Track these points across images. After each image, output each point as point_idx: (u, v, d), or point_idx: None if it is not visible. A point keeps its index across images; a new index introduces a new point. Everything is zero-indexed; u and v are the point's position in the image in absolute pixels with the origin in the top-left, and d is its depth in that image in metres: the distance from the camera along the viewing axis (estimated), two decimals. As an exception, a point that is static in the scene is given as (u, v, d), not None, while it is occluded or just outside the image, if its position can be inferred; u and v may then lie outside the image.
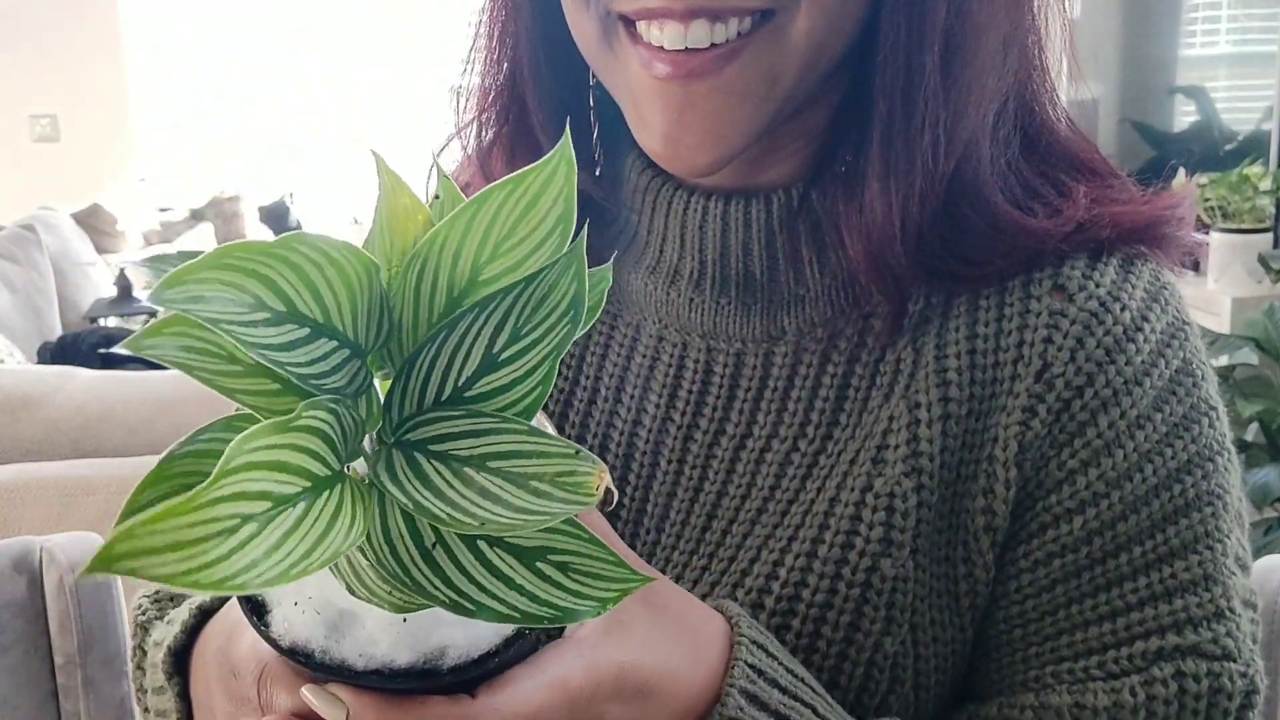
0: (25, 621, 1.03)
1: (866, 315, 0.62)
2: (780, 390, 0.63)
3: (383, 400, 0.37)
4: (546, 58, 0.64)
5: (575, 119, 0.64)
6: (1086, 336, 0.58)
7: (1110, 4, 3.70)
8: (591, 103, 0.65)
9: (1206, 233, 2.89)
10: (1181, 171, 2.96)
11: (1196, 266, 2.98)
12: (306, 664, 0.39)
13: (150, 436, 1.74)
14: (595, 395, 0.68)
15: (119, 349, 0.33)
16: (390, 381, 0.37)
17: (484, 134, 0.68)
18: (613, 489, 0.36)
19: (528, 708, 0.40)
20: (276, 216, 4.89)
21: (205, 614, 0.55)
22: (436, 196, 0.42)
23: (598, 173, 0.66)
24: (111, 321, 3.60)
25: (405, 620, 0.39)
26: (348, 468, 0.35)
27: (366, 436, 0.37)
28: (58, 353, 3.12)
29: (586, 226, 0.38)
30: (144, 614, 0.63)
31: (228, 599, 0.51)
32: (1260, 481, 2.18)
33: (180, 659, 0.55)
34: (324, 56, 4.93)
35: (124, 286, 3.62)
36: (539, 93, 0.64)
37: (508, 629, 0.41)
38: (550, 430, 0.43)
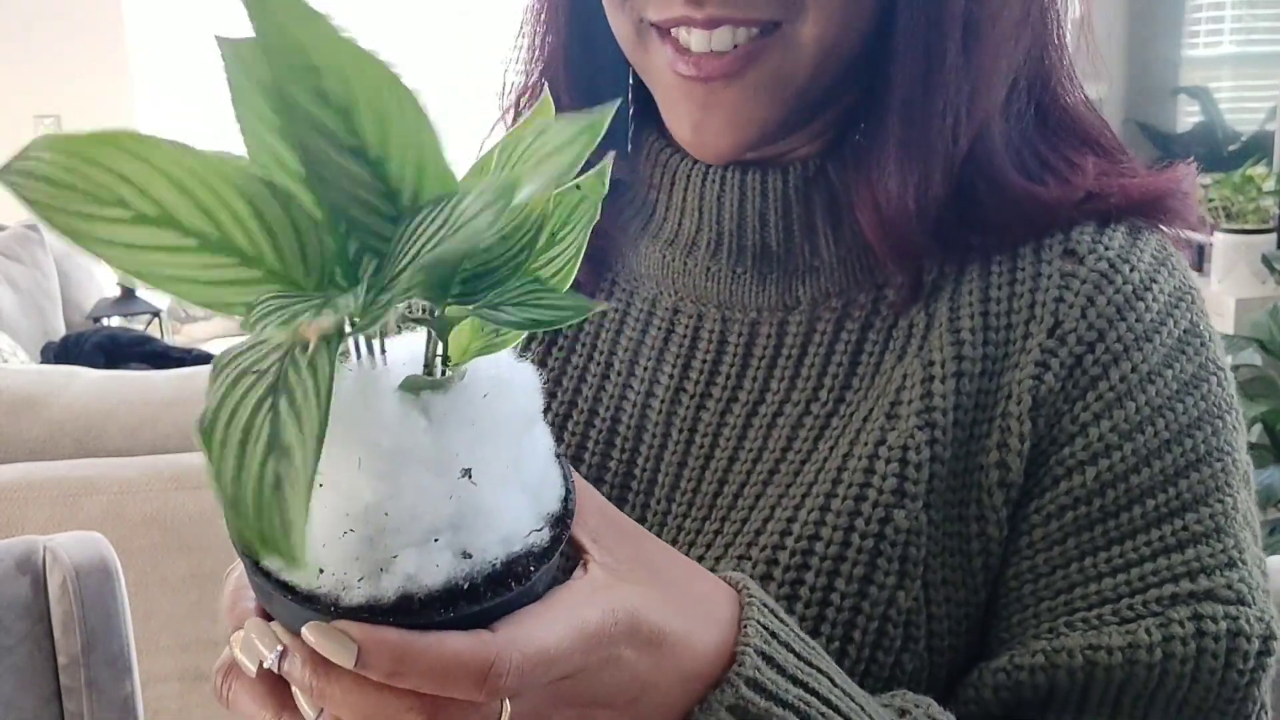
0: (29, 622, 1.03)
1: (880, 285, 0.64)
2: (794, 357, 0.65)
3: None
4: (581, 49, 0.68)
5: (601, 102, 0.68)
6: (1097, 295, 0.60)
7: (1114, 4, 3.70)
8: (631, 80, 0.69)
9: (1211, 234, 2.89)
10: (1185, 172, 2.96)
11: (1200, 267, 2.97)
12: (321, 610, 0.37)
13: (153, 437, 1.75)
14: (609, 369, 0.69)
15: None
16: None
17: (523, 116, 0.71)
18: None
19: (547, 643, 0.39)
20: (280, 217, 4.88)
21: None
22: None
23: (628, 148, 0.70)
24: (115, 321, 3.60)
25: (437, 540, 0.38)
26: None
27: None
28: (61, 353, 3.12)
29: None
30: None
31: None
32: (1265, 483, 2.17)
33: None
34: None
35: (127, 287, 3.62)
36: (571, 81, 0.68)
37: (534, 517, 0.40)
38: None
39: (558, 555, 0.41)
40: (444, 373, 0.40)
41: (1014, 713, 0.59)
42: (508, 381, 0.41)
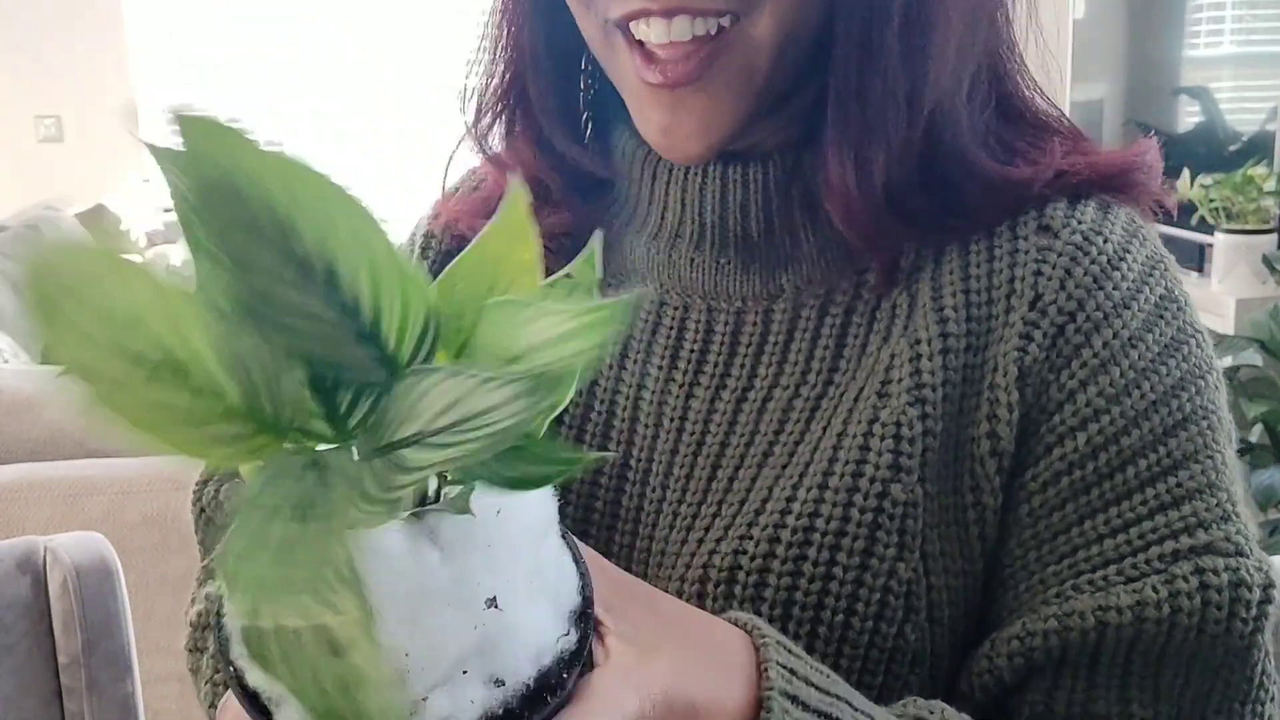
0: (29, 622, 1.03)
1: (860, 272, 0.66)
2: (780, 344, 0.66)
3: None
4: (546, 47, 0.69)
5: (569, 99, 0.72)
6: (1074, 266, 0.62)
7: (1115, 4, 3.70)
8: (583, 85, 0.71)
9: (1211, 234, 2.89)
10: (1186, 172, 2.96)
11: (1201, 267, 2.97)
12: None
13: (154, 437, 1.74)
14: (599, 364, 0.70)
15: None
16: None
17: (485, 118, 0.73)
18: None
19: None
20: (280, 217, 4.87)
21: None
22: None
23: (585, 143, 0.71)
24: (115, 322, 3.59)
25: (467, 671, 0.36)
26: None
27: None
28: (62, 353, 3.12)
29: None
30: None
31: None
32: (1265, 483, 2.17)
33: None
34: (328, 59, 4.94)
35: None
36: (538, 78, 0.70)
37: (558, 639, 0.39)
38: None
39: (586, 652, 0.40)
40: (440, 492, 0.37)
41: (1026, 680, 0.60)
42: (520, 492, 0.37)
